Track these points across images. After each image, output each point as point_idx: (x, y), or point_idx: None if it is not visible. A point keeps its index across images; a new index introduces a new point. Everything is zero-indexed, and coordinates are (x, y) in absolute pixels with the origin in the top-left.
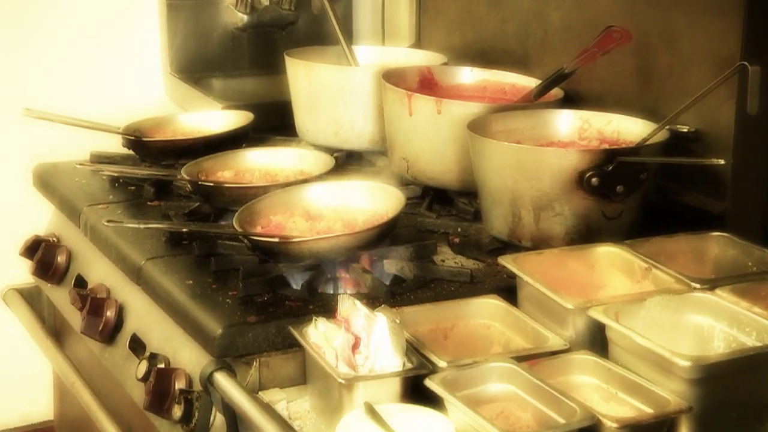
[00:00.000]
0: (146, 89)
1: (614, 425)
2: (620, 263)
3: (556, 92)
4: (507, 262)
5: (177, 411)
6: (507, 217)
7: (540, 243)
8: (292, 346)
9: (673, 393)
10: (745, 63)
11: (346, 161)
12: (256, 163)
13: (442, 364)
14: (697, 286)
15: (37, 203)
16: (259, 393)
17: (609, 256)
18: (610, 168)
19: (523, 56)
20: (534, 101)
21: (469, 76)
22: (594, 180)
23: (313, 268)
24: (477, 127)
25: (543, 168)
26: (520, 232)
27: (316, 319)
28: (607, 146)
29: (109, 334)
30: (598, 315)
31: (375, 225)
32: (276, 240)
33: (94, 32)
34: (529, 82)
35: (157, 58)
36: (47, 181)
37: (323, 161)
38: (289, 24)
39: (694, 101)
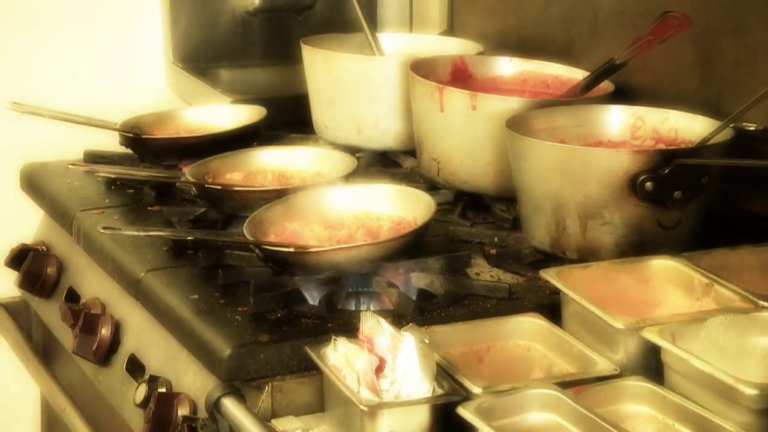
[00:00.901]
0: (146, 81)
1: None
2: (677, 278)
3: (606, 86)
4: (550, 276)
5: None
6: (550, 225)
7: (587, 255)
8: (309, 368)
9: (737, 425)
10: None
11: (370, 162)
12: (269, 164)
13: (476, 390)
14: (765, 304)
15: (25, 207)
16: (272, 421)
17: (665, 270)
18: (667, 171)
19: (568, 45)
20: (581, 96)
21: (507, 67)
22: (648, 185)
23: (332, 281)
24: (516, 124)
25: (591, 171)
26: (565, 243)
27: (335, 339)
28: (663, 146)
29: (104, 354)
30: (652, 336)
31: (402, 234)
32: (291, 250)
33: (87, 17)
34: (575, 74)
35: (158, 45)
36: (36, 183)
37: (344, 162)
38: (306, 8)
39: (762, 96)
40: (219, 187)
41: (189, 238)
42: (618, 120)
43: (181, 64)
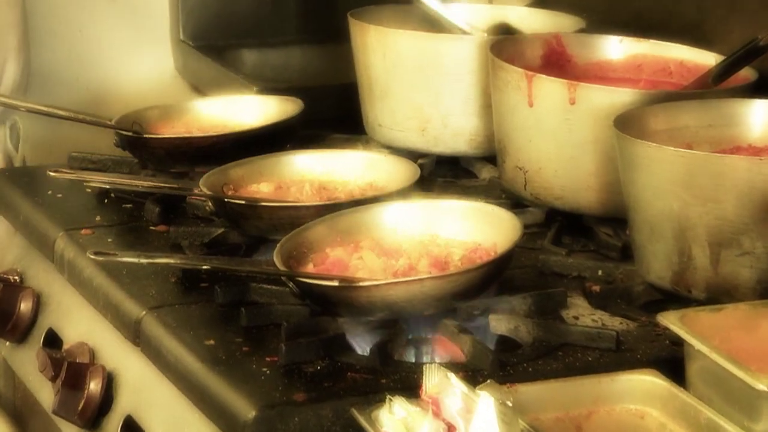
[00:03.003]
0: (148, 64)
1: None
2: None
3: (747, 74)
4: (670, 321)
5: None
6: (671, 255)
7: (720, 294)
8: None
9: None
10: None
11: (436, 171)
12: (307, 173)
13: None
14: None
15: None
16: None
17: None
18: None
19: (697, 21)
20: (713, 87)
21: (617, 48)
22: None
23: (387, 325)
24: (628, 123)
25: (726, 185)
26: (691, 278)
27: (390, 399)
28: None
29: (93, 415)
30: None
31: (478, 265)
32: (335, 284)
33: None
34: (705, 59)
35: (164, 19)
36: (8, 196)
37: (403, 171)
38: None
39: None
40: (242, 202)
41: (204, 267)
42: (762, 119)
43: (194, 42)
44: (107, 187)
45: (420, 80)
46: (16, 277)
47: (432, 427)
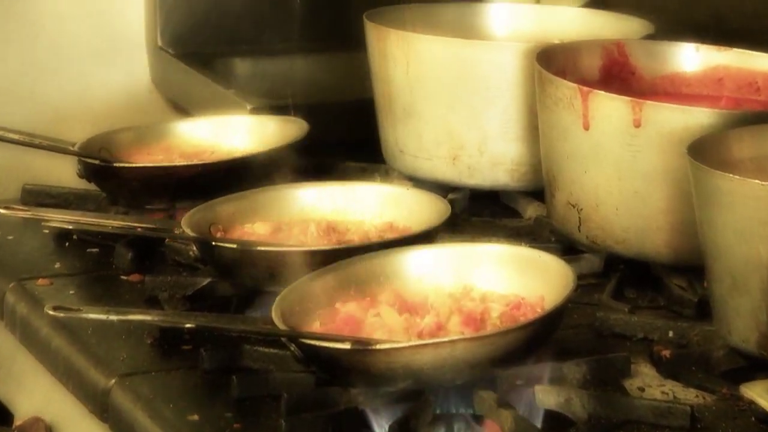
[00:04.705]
0: (119, 76)
1: None
2: None
3: None
4: (757, 393)
5: None
6: (758, 312)
7: None
8: None
9: None
10: None
11: (470, 208)
12: (313, 211)
13: None
14: None
15: None
16: None
17: None
18: None
19: None
20: None
21: (693, 59)
22: None
23: (410, 397)
24: (706, 151)
25: None
26: None
27: None
28: None
29: None
30: None
31: (521, 324)
32: (347, 346)
33: None
34: None
35: (138, 21)
36: None
37: (430, 208)
38: None
39: None
40: (233, 246)
41: (186, 325)
42: None
43: (174, 49)
44: (69, 227)
45: (451, 96)
46: None
47: None
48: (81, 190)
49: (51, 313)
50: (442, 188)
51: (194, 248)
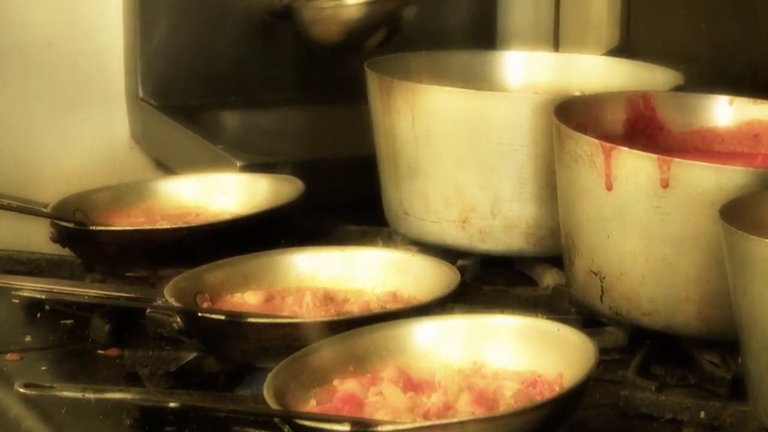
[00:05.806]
0: (96, 131)
1: None
2: None
3: None
4: None
5: None
6: None
7: None
8: None
9: None
10: None
11: (482, 276)
12: (309, 278)
13: None
14: None
15: None
16: None
17: None
18: None
19: None
20: None
21: (726, 112)
22: None
23: None
24: (741, 214)
25: None
26: None
27: None
28: None
29: None
30: None
31: (537, 403)
32: (346, 428)
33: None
34: None
35: (118, 70)
36: None
37: (438, 275)
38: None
39: None
40: (222, 318)
41: (170, 404)
42: None
43: (157, 101)
44: (41, 296)
45: (461, 153)
46: None
47: None
48: (54, 255)
49: (21, 390)
50: (450, 254)
51: (178, 320)
